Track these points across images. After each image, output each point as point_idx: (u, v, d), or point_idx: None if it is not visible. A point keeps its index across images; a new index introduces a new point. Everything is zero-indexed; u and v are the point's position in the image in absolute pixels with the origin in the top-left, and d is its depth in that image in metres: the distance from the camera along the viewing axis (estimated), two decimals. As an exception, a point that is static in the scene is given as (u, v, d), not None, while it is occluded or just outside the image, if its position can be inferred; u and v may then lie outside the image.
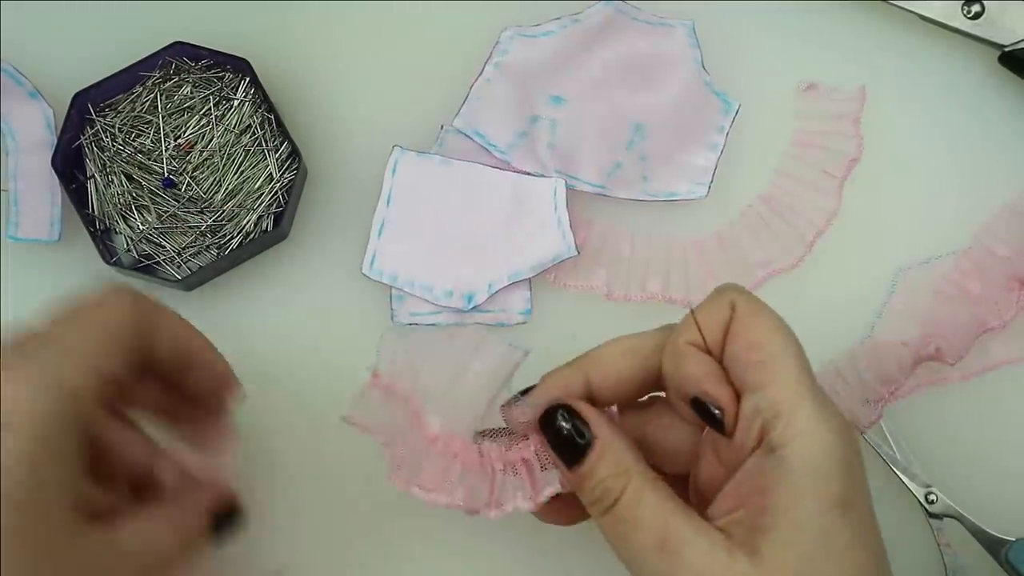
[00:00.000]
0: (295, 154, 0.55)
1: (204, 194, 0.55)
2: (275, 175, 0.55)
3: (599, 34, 0.57)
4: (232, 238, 0.55)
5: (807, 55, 0.59)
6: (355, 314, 0.56)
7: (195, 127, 0.56)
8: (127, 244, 0.55)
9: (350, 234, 0.57)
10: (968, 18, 0.57)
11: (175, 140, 0.55)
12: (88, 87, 0.55)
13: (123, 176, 0.55)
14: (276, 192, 0.55)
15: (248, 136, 0.56)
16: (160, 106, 0.56)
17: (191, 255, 0.55)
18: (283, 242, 0.57)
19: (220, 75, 0.56)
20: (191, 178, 0.55)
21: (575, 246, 0.55)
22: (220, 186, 0.55)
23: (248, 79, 0.56)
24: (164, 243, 0.55)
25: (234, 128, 0.56)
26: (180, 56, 0.56)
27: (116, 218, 0.55)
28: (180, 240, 0.55)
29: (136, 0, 0.59)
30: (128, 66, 0.56)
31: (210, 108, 0.56)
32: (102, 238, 0.55)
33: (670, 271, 0.56)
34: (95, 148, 0.55)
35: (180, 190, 0.55)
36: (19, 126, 0.56)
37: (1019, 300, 0.55)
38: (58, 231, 0.56)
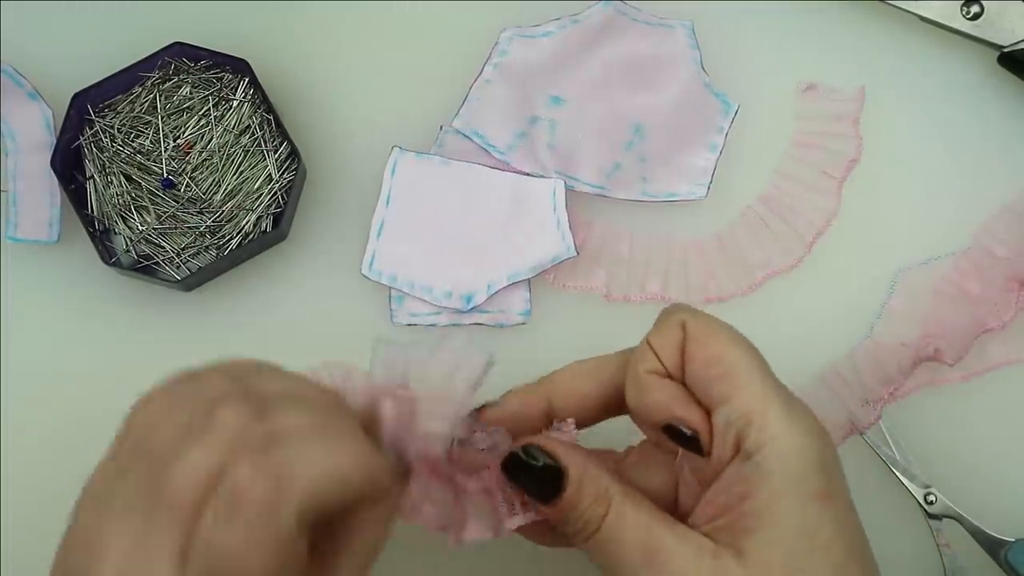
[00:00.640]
0: (294, 155, 0.55)
1: (203, 195, 0.55)
2: (274, 176, 0.55)
3: (599, 35, 0.57)
4: (231, 239, 0.55)
5: (807, 56, 0.59)
6: (354, 315, 0.56)
7: (194, 128, 0.56)
8: (126, 245, 0.55)
9: (349, 235, 0.57)
10: (967, 19, 0.57)
11: (174, 141, 0.55)
12: (87, 87, 0.55)
13: (122, 177, 0.55)
14: (275, 193, 0.55)
15: (247, 136, 0.56)
16: (159, 107, 0.56)
17: (190, 256, 0.55)
18: (282, 243, 0.57)
19: (219, 75, 0.56)
20: (190, 179, 0.55)
21: (574, 247, 0.55)
22: (219, 187, 0.55)
23: (247, 79, 0.56)
24: (163, 244, 0.55)
25: (233, 128, 0.56)
26: (179, 56, 0.56)
27: (115, 219, 0.55)
28: (179, 241, 0.55)
29: (136, 0, 0.59)
30: (127, 66, 0.56)
31: (209, 109, 0.56)
32: (101, 239, 0.55)
33: (669, 272, 0.56)
34: (94, 149, 0.55)
35: (179, 191, 0.55)
36: (18, 127, 0.56)
37: (1018, 301, 0.55)
38: (57, 232, 0.56)
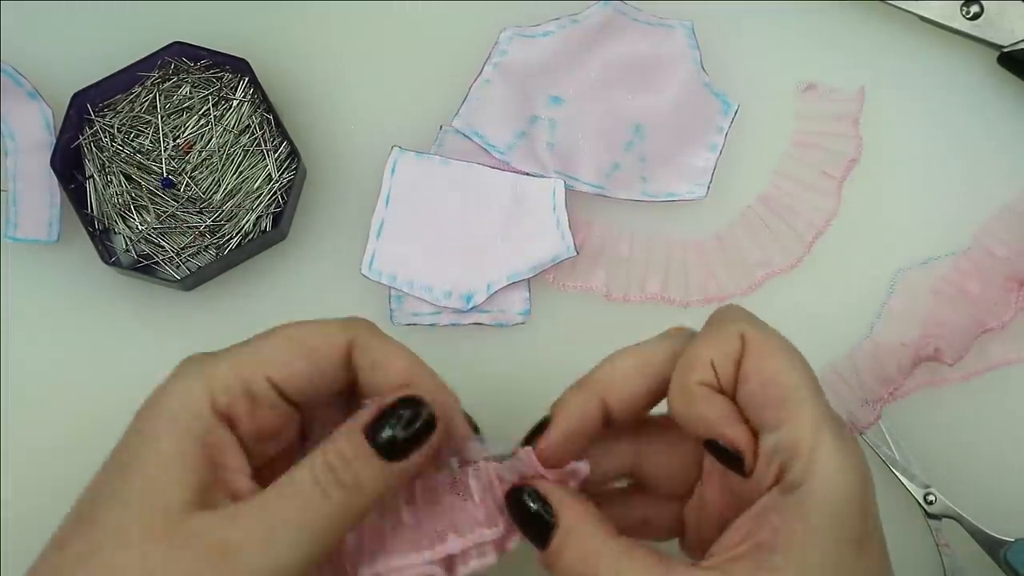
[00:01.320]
0: (294, 154, 0.55)
1: (203, 194, 0.55)
2: (274, 175, 0.55)
3: (598, 34, 0.57)
4: (231, 238, 0.55)
5: (806, 56, 0.59)
6: (354, 314, 0.56)
7: (194, 127, 0.56)
8: (126, 244, 0.55)
9: (349, 234, 0.57)
10: (967, 19, 0.57)
11: (174, 140, 0.55)
12: (87, 87, 0.55)
13: (122, 176, 0.55)
14: (275, 192, 0.55)
15: (247, 136, 0.56)
16: (159, 106, 0.56)
17: (190, 255, 0.55)
18: (282, 242, 0.57)
19: (219, 75, 0.56)
20: (190, 178, 0.55)
21: (574, 246, 0.55)
22: (219, 186, 0.55)
23: (247, 79, 0.56)
24: (163, 243, 0.55)
25: (233, 128, 0.56)
26: (179, 56, 0.56)
27: (115, 218, 0.55)
28: (179, 240, 0.55)
29: (136, 0, 0.59)
30: (127, 66, 0.56)
31: (209, 108, 0.55)
32: (101, 238, 0.55)
33: (669, 272, 0.56)
34: (94, 148, 0.55)
35: (179, 190, 0.55)
36: (18, 126, 0.56)
37: (1018, 301, 0.55)
38: (57, 231, 0.56)
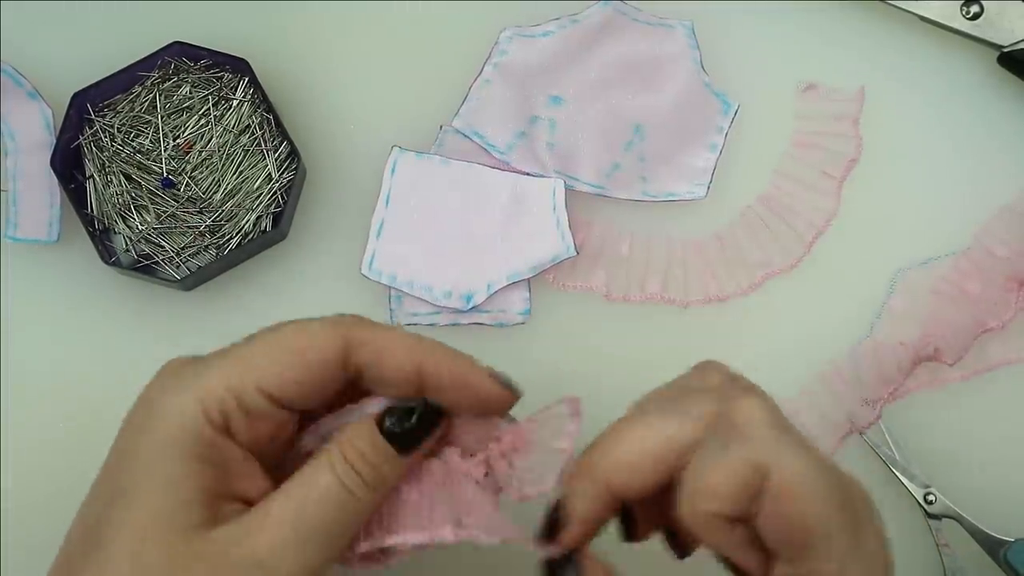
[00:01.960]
0: (294, 154, 0.55)
1: (203, 194, 0.55)
2: (274, 175, 0.55)
3: (598, 34, 0.57)
4: (231, 238, 0.55)
5: (807, 55, 0.59)
6: (353, 314, 0.56)
7: (194, 127, 0.56)
8: (126, 244, 0.55)
9: (349, 234, 0.57)
10: (967, 19, 0.57)
11: (174, 140, 0.55)
12: (87, 87, 0.55)
13: (122, 176, 0.55)
14: (275, 192, 0.55)
15: (247, 136, 0.56)
16: (159, 106, 0.56)
17: (190, 255, 0.55)
18: (282, 242, 0.57)
19: (219, 75, 0.56)
20: (190, 178, 0.55)
21: (574, 246, 0.55)
22: (219, 186, 0.55)
23: (247, 79, 0.56)
24: (163, 243, 0.55)
25: (233, 128, 0.56)
26: (179, 56, 0.56)
27: (115, 218, 0.55)
28: (179, 240, 0.55)
29: (136, 0, 0.59)
30: (127, 66, 0.56)
31: (209, 108, 0.56)
32: (101, 238, 0.55)
33: (669, 272, 0.56)
34: (94, 148, 0.55)
35: (179, 190, 0.55)
36: (18, 126, 0.56)
37: (1018, 301, 0.55)
38: (57, 231, 0.56)
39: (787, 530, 0.34)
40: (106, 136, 0.55)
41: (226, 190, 0.55)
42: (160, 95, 0.56)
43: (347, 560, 0.38)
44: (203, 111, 0.55)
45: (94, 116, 0.55)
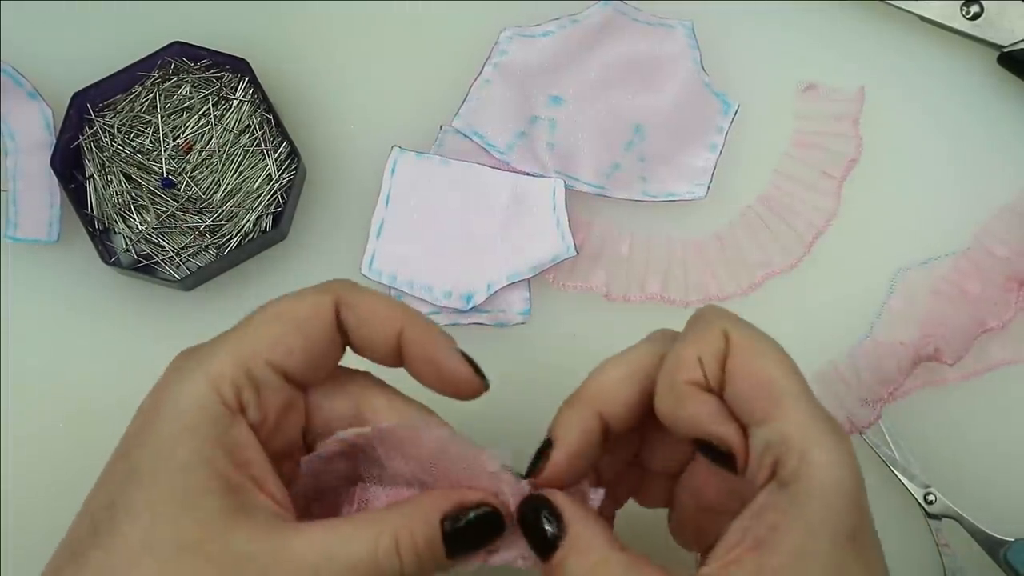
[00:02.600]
0: (294, 154, 0.55)
1: (203, 194, 0.55)
2: (274, 175, 0.55)
3: (598, 34, 0.57)
4: (231, 238, 0.55)
5: (807, 55, 0.59)
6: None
7: (194, 127, 0.56)
8: (126, 244, 0.55)
9: (349, 234, 0.57)
10: (967, 19, 0.57)
11: (174, 140, 0.55)
12: (87, 87, 0.55)
13: (122, 176, 0.55)
14: (275, 192, 0.55)
15: (247, 136, 0.56)
16: (159, 106, 0.56)
17: (190, 255, 0.55)
18: (282, 242, 0.57)
19: (219, 75, 0.56)
20: (190, 178, 0.55)
21: (574, 246, 0.55)
22: (219, 186, 0.55)
23: (247, 79, 0.56)
24: (163, 243, 0.55)
25: (233, 128, 0.56)
26: (179, 56, 0.56)
27: (115, 218, 0.55)
28: (179, 240, 0.55)
29: (136, 0, 0.59)
30: (127, 66, 0.56)
31: (209, 108, 0.56)
32: (101, 238, 0.55)
33: (669, 272, 0.56)
34: (94, 148, 0.55)
35: (179, 190, 0.55)
36: (18, 126, 0.56)
37: (1018, 301, 0.55)
38: (57, 231, 0.56)
39: (753, 388, 0.37)
40: (106, 136, 0.55)
41: (226, 190, 0.55)
42: (160, 95, 0.56)
43: None
44: (203, 111, 0.56)
45: (94, 116, 0.55)
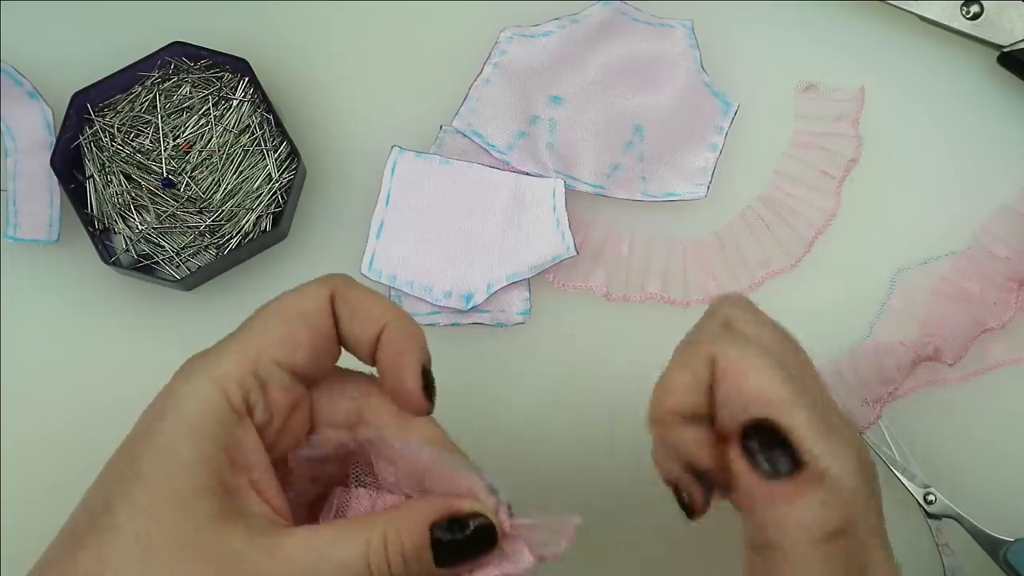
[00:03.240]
0: (294, 154, 0.55)
1: (203, 194, 0.55)
2: (274, 175, 0.55)
3: (598, 34, 0.57)
4: (231, 238, 0.55)
5: (806, 55, 0.59)
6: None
7: (194, 127, 0.56)
8: (126, 244, 0.55)
9: (349, 234, 0.57)
10: (967, 19, 0.57)
11: (174, 140, 0.55)
12: (87, 87, 0.55)
13: (122, 176, 0.55)
14: (275, 192, 0.55)
15: (247, 136, 0.56)
16: (159, 106, 0.56)
17: (190, 255, 0.55)
18: (282, 242, 0.57)
19: (219, 75, 0.56)
20: (190, 178, 0.55)
21: (574, 246, 0.55)
22: (219, 186, 0.55)
23: (247, 79, 0.56)
24: (163, 243, 0.55)
25: (233, 128, 0.56)
26: (179, 56, 0.56)
27: (115, 218, 0.55)
28: (179, 240, 0.55)
29: (136, 0, 0.59)
30: (127, 66, 0.56)
31: (209, 108, 0.56)
32: (101, 238, 0.55)
33: (669, 272, 0.56)
34: (94, 148, 0.55)
35: (179, 190, 0.55)
36: (18, 126, 0.56)
37: (1017, 300, 0.55)
38: (57, 231, 0.56)
39: (747, 412, 0.35)
40: (106, 136, 0.55)
41: (226, 190, 0.55)
42: (160, 95, 0.56)
43: None
44: (203, 111, 0.56)
45: (94, 116, 0.55)
